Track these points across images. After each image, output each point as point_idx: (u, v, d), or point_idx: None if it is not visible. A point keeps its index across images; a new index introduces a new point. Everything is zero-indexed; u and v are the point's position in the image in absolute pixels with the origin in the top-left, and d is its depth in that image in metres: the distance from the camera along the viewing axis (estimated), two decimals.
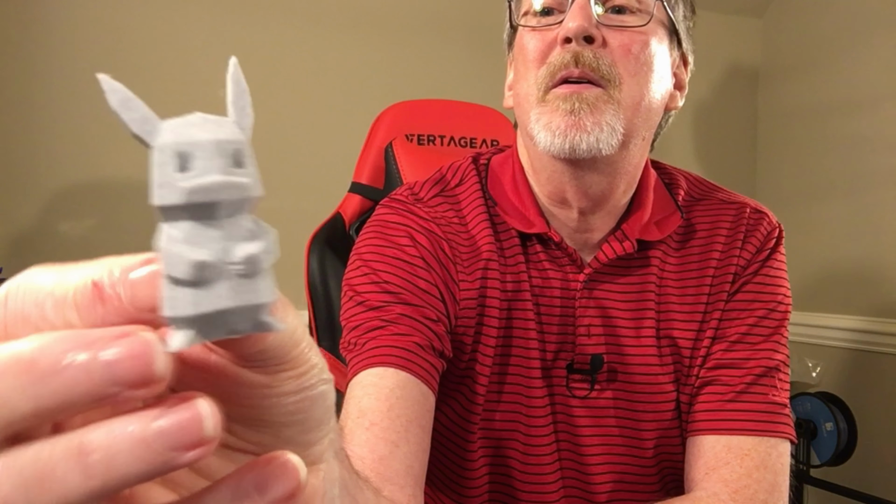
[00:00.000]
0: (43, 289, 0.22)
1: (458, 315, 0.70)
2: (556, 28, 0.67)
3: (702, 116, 2.47)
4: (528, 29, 0.70)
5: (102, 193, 1.87)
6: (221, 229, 0.23)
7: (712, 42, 2.47)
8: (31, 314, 0.21)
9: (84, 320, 0.22)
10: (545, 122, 0.66)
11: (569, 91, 0.65)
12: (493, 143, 1.13)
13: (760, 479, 0.66)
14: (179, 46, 1.93)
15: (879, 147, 2.10)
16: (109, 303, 0.22)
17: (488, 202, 0.75)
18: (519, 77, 0.71)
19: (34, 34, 1.82)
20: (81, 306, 0.22)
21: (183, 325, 0.21)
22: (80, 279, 0.22)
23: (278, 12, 2.01)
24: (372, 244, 0.71)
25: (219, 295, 0.21)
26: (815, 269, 2.27)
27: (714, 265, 0.74)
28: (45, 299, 0.22)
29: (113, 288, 0.22)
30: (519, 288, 0.72)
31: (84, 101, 1.85)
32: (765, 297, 0.74)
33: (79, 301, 0.22)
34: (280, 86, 2.01)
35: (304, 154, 2.02)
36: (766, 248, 0.75)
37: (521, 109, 0.71)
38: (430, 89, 1.42)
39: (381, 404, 0.60)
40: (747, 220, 0.76)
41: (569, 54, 0.66)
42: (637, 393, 0.72)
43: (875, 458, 2.03)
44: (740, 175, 2.52)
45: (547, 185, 0.73)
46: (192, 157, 0.23)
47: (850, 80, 2.19)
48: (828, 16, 2.28)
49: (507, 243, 0.73)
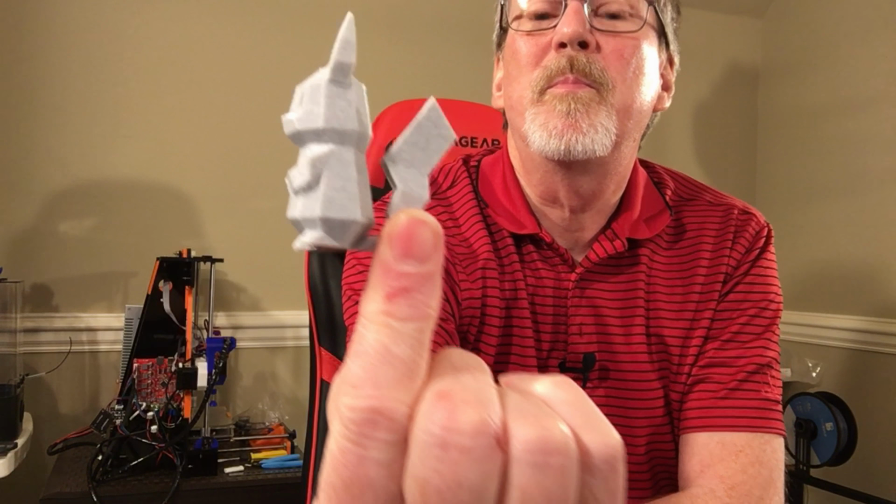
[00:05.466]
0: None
1: (462, 315, 0.70)
2: (550, 33, 0.68)
3: (702, 116, 2.47)
4: (521, 33, 0.70)
5: (102, 193, 1.87)
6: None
7: (712, 42, 2.47)
8: None
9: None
10: (541, 121, 0.67)
11: (564, 91, 0.66)
12: (495, 143, 1.13)
13: (756, 475, 0.66)
14: (179, 46, 1.93)
15: (879, 147, 2.10)
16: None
17: (480, 204, 0.76)
18: (511, 79, 0.72)
19: (34, 34, 1.82)
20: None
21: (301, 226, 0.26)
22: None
23: (278, 12, 2.01)
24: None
25: (307, 206, 0.25)
26: (815, 269, 2.27)
27: (704, 265, 0.75)
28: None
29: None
30: (516, 287, 0.73)
31: (84, 101, 1.85)
32: (755, 296, 0.74)
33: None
34: (281, 85, 2.01)
35: None
36: (755, 248, 0.76)
37: (514, 111, 0.72)
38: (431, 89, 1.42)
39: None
40: (735, 222, 0.77)
41: (564, 59, 0.67)
42: (628, 391, 0.73)
43: (875, 458, 2.03)
44: (740, 175, 2.52)
45: (539, 185, 0.74)
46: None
47: (850, 80, 2.19)
48: (828, 16, 2.28)
49: (502, 243, 0.74)
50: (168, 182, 1.91)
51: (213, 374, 1.51)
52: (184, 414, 1.52)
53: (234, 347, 1.58)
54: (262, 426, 1.83)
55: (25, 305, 1.78)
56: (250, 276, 1.97)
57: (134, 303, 1.75)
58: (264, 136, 1.99)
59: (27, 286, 1.79)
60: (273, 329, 1.98)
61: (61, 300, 1.83)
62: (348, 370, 0.23)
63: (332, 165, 0.25)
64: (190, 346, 1.57)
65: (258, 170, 1.98)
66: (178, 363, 1.53)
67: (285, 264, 1.95)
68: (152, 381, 1.53)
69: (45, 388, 1.80)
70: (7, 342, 1.58)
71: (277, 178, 2.01)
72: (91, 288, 1.85)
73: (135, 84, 1.89)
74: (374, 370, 0.23)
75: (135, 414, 1.49)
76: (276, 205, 2.00)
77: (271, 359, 2.00)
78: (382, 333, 0.23)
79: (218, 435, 1.66)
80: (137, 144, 1.89)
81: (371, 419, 0.22)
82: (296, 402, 1.97)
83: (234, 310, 1.96)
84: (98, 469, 1.45)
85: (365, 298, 0.24)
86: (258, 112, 1.98)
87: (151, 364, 1.53)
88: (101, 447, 1.49)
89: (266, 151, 1.99)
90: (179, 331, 1.59)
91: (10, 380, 1.53)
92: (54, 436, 1.65)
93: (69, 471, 1.50)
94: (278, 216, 1.99)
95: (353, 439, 0.22)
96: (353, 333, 0.24)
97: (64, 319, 1.81)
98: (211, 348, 1.55)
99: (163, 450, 1.49)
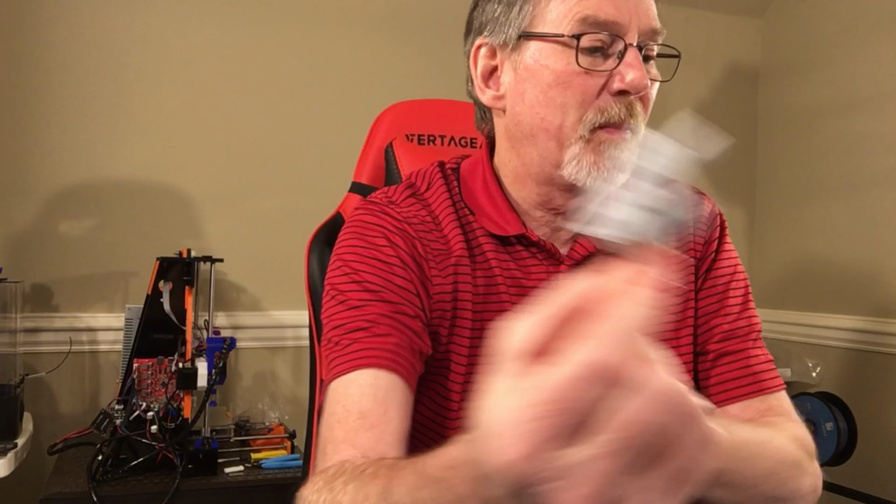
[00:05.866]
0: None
1: (433, 308, 0.74)
2: (607, 75, 0.69)
3: (702, 116, 2.47)
4: (578, 70, 0.69)
5: (102, 193, 1.87)
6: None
7: (712, 42, 2.47)
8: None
9: None
10: (590, 160, 0.70)
11: (617, 138, 0.70)
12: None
13: (793, 428, 0.75)
14: (179, 46, 1.93)
15: (879, 147, 2.10)
16: None
17: (457, 205, 0.78)
18: (544, 104, 0.71)
19: (34, 35, 1.82)
20: None
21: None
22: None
23: (278, 12, 2.01)
24: (351, 245, 0.75)
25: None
26: (815, 268, 2.27)
27: (677, 245, 0.80)
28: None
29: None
30: (490, 283, 0.76)
31: (84, 101, 1.85)
32: (724, 278, 0.81)
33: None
34: (281, 86, 2.01)
35: (304, 154, 2.02)
36: (713, 240, 0.82)
37: (546, 135, 0.72)
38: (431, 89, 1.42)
39: (378, 406, 0.65)
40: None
41: (624, 108, 0.69)
42: None
43: (875, 458, 2.03)
44: (740, 175, 2.52)
45: (538, 196, 0.76)
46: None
47: (850, 80, 2.19)
48: (828, 16, 2.28)
49: (475, 243, 0.77)
50: (168, 182, 1.91)
51: (213, 374, 1.51)
52: (184, 414, 1.52)
53: (234, 347, 1.58)
54: (262, 426, 1.83)
55: (25, 305, 1.78)
56: (250, 276, 1.97)
57: (134, 303, 1.75)
58: (264, 136, 1.99)
59: (27, 286, 1.79)
60: (273, 329, 1.98)
61: (61, 300, 1.83)
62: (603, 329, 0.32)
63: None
64: (190, 346, 1.57)
65: (258, 170, 1.98)
66: (178, 363, 1.53)
67: (285, 264, 1.94)
68: (152, 381, 1.53)
69: (45, 388, 1.80)
70: (7, 342, 1.58)
71: (277, 178, 2.01)
72: (91, 288, 1.85)
73: (135, 84, 1.89)
74: (615, 333, 0.31)
75: (135, 414, 1.49)
76: (276, 205, 1.99)
77: (271, 359, 2.00)
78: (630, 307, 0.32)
79: (218, 435, 1.66)
80: (137, 144, 1.89)
81: (604, 368, 0.31)
82: (296, 402, 1.97)
83: (234, 310, 1.96)
84: (98, 469, 1.45)
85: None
86: (258, 112, 1.98)
87: (151, 364, 1.53)
88: (101, 447, 1.49)
89: (266, 151, 1.99)
90: (179, 331, 1.59)
91: (10, 380, 1.53)
92: (54, 436, 1.65)
93: (69, 471, 1.50)
94: (278, 216, 1.99)
95: (583, 377, 0.31)
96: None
97: (64, 319, 1.81)
98: (211, 348, 1.55)
99: (163, 450, 1.48)
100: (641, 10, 0.70)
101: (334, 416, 0.66)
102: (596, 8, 0.68)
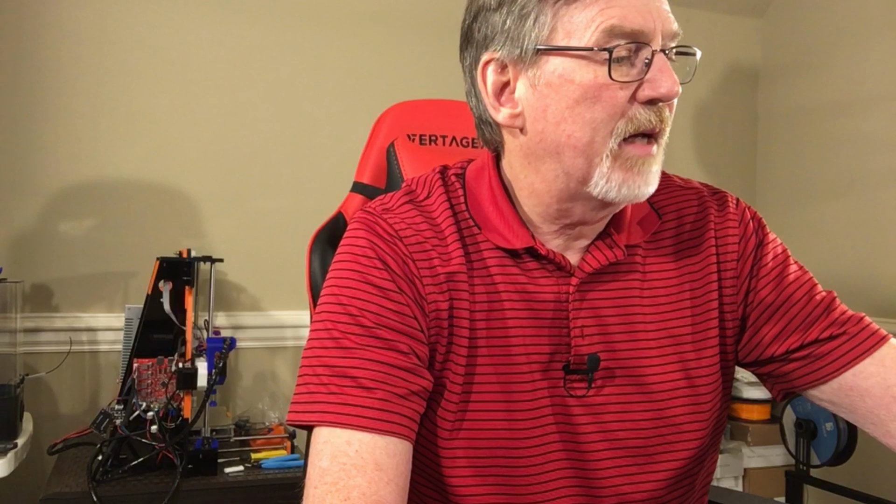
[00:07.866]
0: None
1: (430, 326, 0.71)
2: (635, 84, 0.66)
3: (702, 116, 2.47)
4: (611, 83, 0.66)
5: (102, 193, 1.87)
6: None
7: (712, 42, 2.47)
8: None
9: None
10: (620, 177, 0.67)
11: (645, 154, 0.68)
12: None
13: None
14: (180, 47, 1.93)
15: (879, 147, 2.10)
16: None
17: (460, 216, 0.75)
18: (574, 119, 0.67)
19: (35, 35, 1.82)
20: None
21: None
22: None
23: (279, 13, 2.01)
24: (344, 270, 0.72)
25: None
26: (814, 269, 2.26)
27: (691, 245, 0.79)
28: None
29: None
30: (493, 299, 0.73)
31: (84, 102, 1.85)
32: (772, 258, 0.82)
33: None
34: (281, 86, 2.01)
35: (305, 154, 2.02)
36: (748, 237, 0.81)
37: (573, 152, 0.68)
38: (432, 89, 1.42)
39: (393, 487, 0.63)
40: (716, 205, 0.81)
41: (654, 115, 0.67)
42: (636, 386, 0.74)
43: (875, 458, 2.03)
44: (740, 175, 2.52)
45: (556, 211, 0.73)
46: None
47: (850, 80, 2.19)
48: (828, 16, 2.28)
49: (476, 256, 0.74)
50: (168, 182, 1.91)
51: (213, 374, 1.51)
52: (184, 414, 1.52)
53: (234, 347, 1.58)
54: (262, 426, 1.83)
55: (25, 305, 1.78)
56: (250, 276, 1.97)
57: (134, 303, 1.75)
58: (265, 136, 1.99)
59: (27, 286, 1.79)
60: (273, 329, 1.98)
61: (61, 300, 1.83)
62: None
63: None
64: (190, 346, 1.57)
65: (258, 170, 1.98)
66: (178, 363, 1.53)
67: (285, 264, 1.95)
68: (152, 381, 1.53)
69: (45, 388, 1.80)
70: (7, 342, 1.58)
71: (278, 178, 2.01)
72: (91, 288, 1.85)
73: (135, 84, 1.89)
74: None
75: (135, 414, 1.49)
76: (276, 205, 2.00)
77: (271, 359, 2.00)
78: None
79: (218, 435, 1.66)
80: (137, 144, 1.89)
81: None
82: None
83: (234, 310, 1.96)
84: (98, 469, 1.45)
85: None
86: (258, 112, 1.98)
87: (151, 364, 1.53)
88: (101, 447, 1.49)
89: (266, 152, 1.99)
90: (179, 331, 1.59)
91: (10, 380, 1.53)
92: (54, 436, 1.65)
93: (69, 471, 1.50)
94: (278, 216, 1.99)
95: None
96: None
97: (64, 319, 1.81)
98: (211, 348, 1.55)
99: (163, 450, 1.48)
100: (662, 14, 0.67)
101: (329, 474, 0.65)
102: (621, 17, 0.64)
